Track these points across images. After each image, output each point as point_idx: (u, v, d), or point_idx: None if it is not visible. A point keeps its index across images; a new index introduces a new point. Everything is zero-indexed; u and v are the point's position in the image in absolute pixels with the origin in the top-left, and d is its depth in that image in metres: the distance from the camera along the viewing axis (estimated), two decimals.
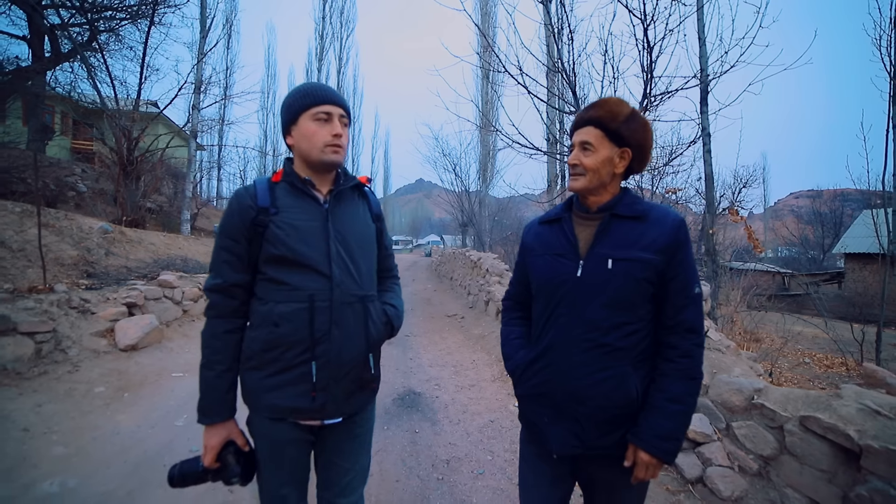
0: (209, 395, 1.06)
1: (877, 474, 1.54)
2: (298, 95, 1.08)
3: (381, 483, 2.32)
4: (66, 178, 12.15)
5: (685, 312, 0.99)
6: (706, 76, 3.89)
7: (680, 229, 0.99)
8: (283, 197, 1.07)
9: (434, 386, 3.93)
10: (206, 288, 1.08)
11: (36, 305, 3.33)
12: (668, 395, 0.97)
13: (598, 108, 1.02)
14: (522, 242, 1.19)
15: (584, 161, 1.01)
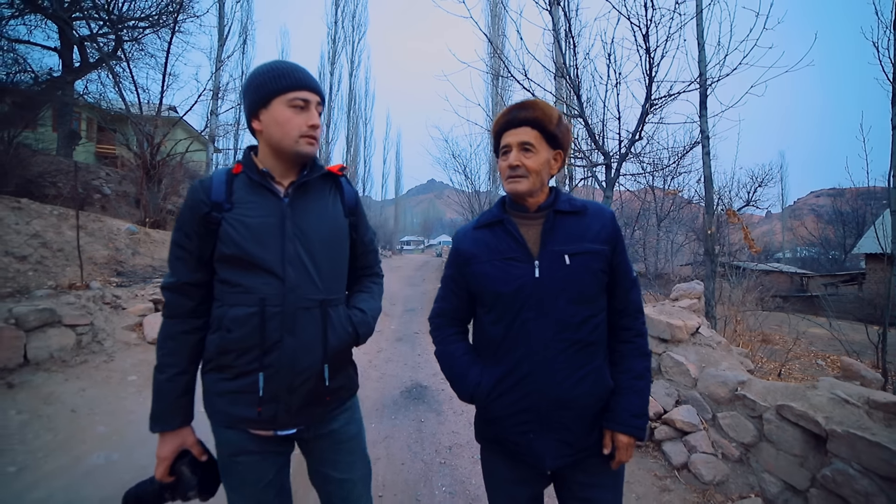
0: (160, 400, 0.97)
1: (839, 456, 1.67)
2: (272, 76, 0.97)
3: (388, 465, 2.51)
4: (93, 182, 12.73)
5: (631, 294, 1.04)
6: (705, 80, 3.98)
7: (615, 220, 1.04)
8: (239, 191, 0.98)
9: (440, 380, 4.11)
10: (161, 286, 1.02)
11: (76, 300, 3.63)
12: (634, 374, 1.00)
13: (533, 109, 0.99)
14: (457, 251, 1.10)
15: (526, 162, 0.99)
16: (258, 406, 0.95)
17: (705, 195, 3.95)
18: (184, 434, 1.00)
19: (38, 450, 2.29)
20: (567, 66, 4.95)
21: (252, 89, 0.98)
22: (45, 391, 2.81)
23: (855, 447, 1.61)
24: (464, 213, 18.65)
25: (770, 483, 1.98)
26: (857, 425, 1.67)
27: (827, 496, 1.70)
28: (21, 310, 2.99)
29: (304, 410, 0.99)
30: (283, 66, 0.99)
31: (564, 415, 0.96)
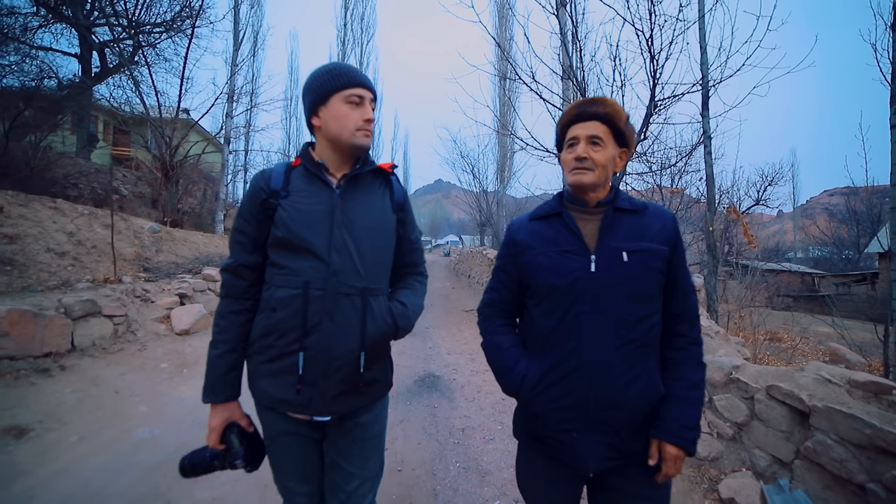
0: (211, 373, 1.04)
1: (820, 429, 1.83)
2: (330, 76, 1.04)
3: (405, 445, 2.71)
4: (111, 183, 13.19)
5: (689, 299, 1.00)
6: (707, 82, 4.13)
7: (676, 222, 1.02)
8: (296, 181, 1.05)
9: (451, 370, 4.32)
10: (220, 268, 1.09)
11: (111, 293, 3.90)
12: (688, 383, 0.95)
13: (604, 105, 0.99)
14: (513, 241, 1.09)
15: (594, 156, 0.98)
16: (298, 384, 0.98)
17: (707, 193, 4.09)
18: (231, 407, 1.05)
19: (93, 423, 2.55)
20: (573, 68, 5.11)
21: (312, 89, 1.05)
22: (92, 374, 3.07)
23: (833, 420, 1.77)
24: (471, 212, 18.85)
25: (759, 457, 2.15)
26: (837, 401, 1.83)
27: (809, 466, 1.87)
28: (68, 300, 3.26)
29: (338, 398, 1.01)
30: (339, 67, 1.06)
31: (613, 415, 0.92)
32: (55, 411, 2.57)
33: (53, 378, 2.90)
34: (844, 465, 1.69)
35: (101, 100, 12.18)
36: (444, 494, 2.17)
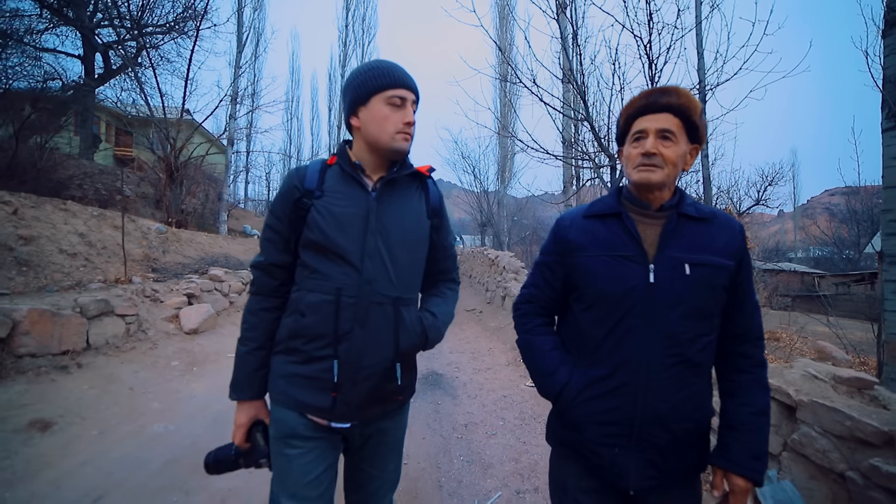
0: (240, 370, 1.03)
1: (805, 422, 1.93)
2: (373, 75, 1.00)
3: (410, 440, 2.76)
4: (114, 183, 13.33)
5: (755, 318, 0.94)
6: (704, 87, 4.22)
7: (744, 234, 0.96)
8: (331, 180, 1.02)
9: (454, 368, 4.42)
10: (251, 264, 1.07)
11: (123, 293, 4.01)
12: (755, 409, 0.90)
13: (678, 95, 0.90)
14: (562, 238, 1.00)
15: (664, 151, 0.89)
16: (333, 392, 0.96)
17: (704, 194, 4.19)
18: (257, 405, 1.05)
19: (111, 418, 2.66)
20: (573, 72, 5.20)
21: (353, 87, 1.01)
22: (107, 371, 3.18)
23: (817, 413, 1.87)
24: (472, 212, 18.96)
25: None
26: (822, 395, 1.93)
27: (795, 457, 1.97)
28: (84, 300, 3.37)
29: (363, 407, 0.99)
30: (382, 66, 1.02)
31: (659, 434, 0.88)
32: (75, 406, 2.68)
33: (71, 375, 3.01)
34: (827, 455, 1.79)
35: (105, 101, 12.32)
36: (448, 486, 2.27)
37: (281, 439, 1.00)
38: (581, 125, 6.19)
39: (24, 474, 2.06)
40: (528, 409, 3.30)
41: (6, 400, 2.54)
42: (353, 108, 1.02)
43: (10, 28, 9.30)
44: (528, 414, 3.20)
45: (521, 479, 2.34)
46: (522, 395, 3.59)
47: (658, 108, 0.91)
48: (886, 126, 3.67)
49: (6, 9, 9.59)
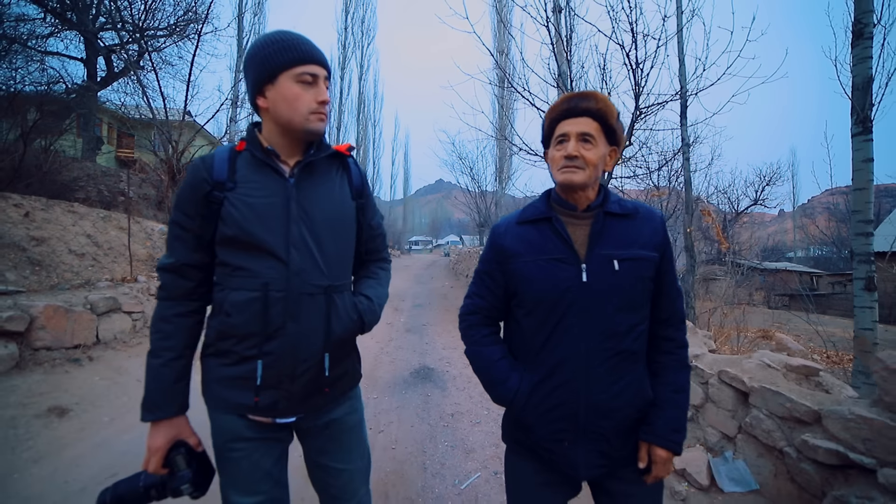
0: (155, 386, 0.91)
1: (756, 406, 2.12)
2: (278, 48, 0.91)
3: (399, 427, 3.00)
4: (116, 185, 13.56)
5: (677, 304, 0.99)
6: (685, 93, 4.40)
7: (665, 225, 1.01)
8: (243, 169, 0.94)
9: (445, 363, 4.60)
10: (158, 267, 0.96)
11: (129, 291, 4.21)
12: (675, 387, 0.96)
13: (596, 100, 0.94)
14: (498, 246, 1.03)
15: (585, 154, 0.93)
16: (255, 395, 0.92)
17: (685, 197, 4.37)
18: (179, 423, 0.94)
19: (121, 407, 2.85)
20: (563, 77, 5.39)
21: (256, 64, 0.92)
22: (116, 364, 3.39)
23: (765, 397, 2.06)
24: (470, 213, 19.15)
25: (711, 434, 2.43)
26: (770, 382, 2.12)
27: (747, 438, 2.15)
28: (93, 298, 3.57)
29: (305, 399, 0.97)
30: (288, 38, 0.92)
31: (603, 424, 0.93)
32: (88, 395, 2.87)
33: (83, 367, 3.21)
34: (771, 434, 1.98)
35: (107, 103, 12.52)
36: (432, 468, 2.45)
37: (225, 444, 0.95)
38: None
39: (47, 453, 2.26)
40: None
41: (26, 388, 2.75)
42: (258, 87, 0.93)
43: (16, 33, 9.51)
44: None
45: (499, 461, 2.53)
46: None
47: (578, 112, 0.95)
48: (855, 131, 3.87)
49: (11, 14, 9.79)
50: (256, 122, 1.01)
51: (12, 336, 2.95)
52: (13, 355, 2.91)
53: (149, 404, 0.92)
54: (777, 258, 28.95)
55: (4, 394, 2.69)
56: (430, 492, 2.19)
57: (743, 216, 19.49)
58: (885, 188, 29.71)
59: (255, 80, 0.93)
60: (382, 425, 2.97)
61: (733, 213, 17.98)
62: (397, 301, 8.76)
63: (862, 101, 3.77)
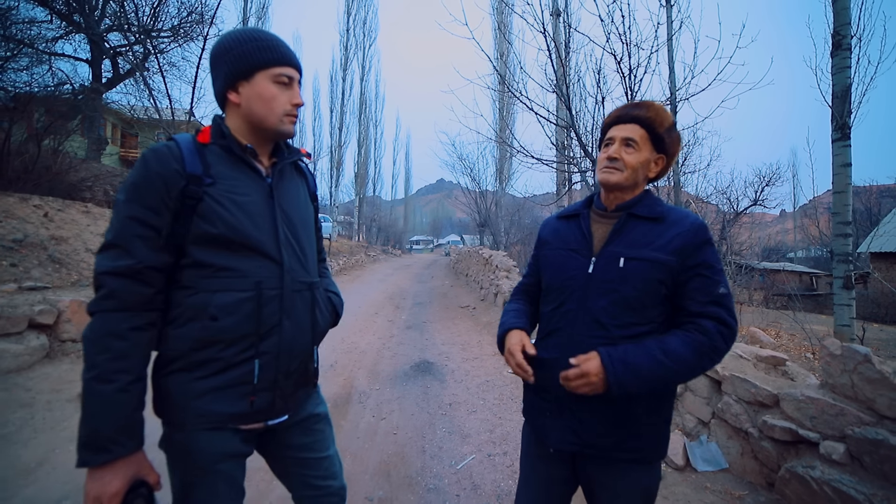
0: (109, 417, 0.76)
1: (727, 392, 2.32)
2: (258, 47, 0.90)
3: (400, 415, 3.20)
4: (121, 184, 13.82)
5: (707, 309, 0.93)
6: (675, 99, 4.59)
7: (699, 231, 0.96)
8: (217, 165, 0.89)
9: (444, 358, 4.80)
10: (107, 271, 0.80)
11: None
12: (663, 346, 0.91)
13: (647, 109, 1.01)
14: (539, 236, 1.18)
15: (625, 157, 1.00)
16: (252, 396, 0.89)
17: (675, 199, 4.56)
18: (139, 459, 0.81)
19: None
20: (559, 83, 5.59)
21: (233, 57, 0.90)
22: None
23: (734, 384, 2.26)
24: (471, 212, 19.35)
25: (689, 420, 2.64)
26: (739, 370, 2.32)
27: (719, 423, 2.36)
28: None
29: (294, 395, 0.98)
30: (267, 38, 0.92)
31: (576, 405, 0.98)
32: None
33: None
34: (738, 417, 2.18)
35: (112, 104, 12.74)
36: (430, 451, 2.66)
37: (209, 467, 0.88)
38: (568, 132, 6.57)
39: None
40: (507, 391, 3.69)
41: (57, 376, 2.97)
42: (231, 81, 0.91)
43: (25, 36, 9.72)
44: (507, 396, 3.59)
45: (494, 445, 2.73)
46: (504, 381, 3.98)
47: (627, 119, 1.02)
48: (835, 137, 4.07)
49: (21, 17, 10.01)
50: (221, 115, 0.97)
51: (43, 328, 3.17)
52: (44, 346, 3.13)
53: (101, 441, 0.75)
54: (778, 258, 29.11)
55: (39, 380, 2.91)
56: (429, 471, 2.40)
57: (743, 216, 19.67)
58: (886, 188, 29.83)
59: (228, 73, 0.91)
60: (385, 413, 3.18)
61: (732, 214, 18.18)
62: (399, 299, 8.97)
63: (841, 109, 3.97)
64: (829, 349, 1.69)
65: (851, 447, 1.62)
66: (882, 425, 1.58)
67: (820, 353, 1.83)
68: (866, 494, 1.51)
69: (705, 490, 2.10)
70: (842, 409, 1.66)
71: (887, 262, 15.71)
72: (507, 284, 7.26)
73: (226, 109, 0.96)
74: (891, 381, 1.55)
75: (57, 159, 8.98)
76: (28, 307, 3.09)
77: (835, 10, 3.78)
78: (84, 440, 0.75)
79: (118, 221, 0.82)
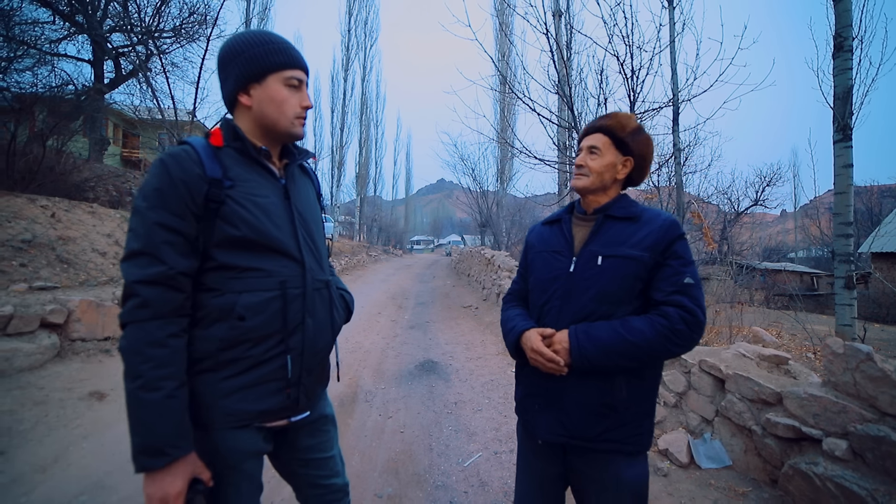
0: (162, 424, 0.79)
1: (730, 391, 2.35)
2: (270, 50, 0.91)
3: (406, 414, 3.24)
4: (124, 185, 13.86)
5: (671, 297, 0.98)
6: (677, 100, 4.63)
7: (670, 228, 1.02)
8: (233, 167, 0.90)
9: (448, 357, 4.84)
10: (139, 280, 0.80)
11: None
12: (625, 323, 0.98)
13: (609, 118, 1.10)
14: (526, 241, 1.27)
15: (589, 163, 1.09)
16: (287, 388, 0.92)
17: (677, 199, 4.60)
18: (193, 459, 0.84)
19: None
20: (561, 84, 5.62)
21: (245, 60, 0.91)
22: None
23: (738, 382, 2.29)
24: (472, 213, 19.39)
25: (692, 418, 2.67)
26: (743, 369, 2.35)
27: (723, 420, 2.39)
28: (120, 293, 3.82)
29: (314, 391, 1.01)
30: (278, 41, 0.94)
31: (563, 398, 1.04)
32: (121, 383, 3.11)
33: (114, 357, 3.45)
34: (742, 415, 2.21)
35: (114, 104, 12.78)
36: (437, 448, 2.69)
37: (237, 465, 0.91)
38: (570, 133, 6.60)
39: (93, 431, 2.53)
40: (511, 390, 3.70)
41: (68, 375, 3.01)
42: (243, 83, 0.92)
43: (30, 37, 9.76)
44: (512, 394, 3.61)
45: (500, 443, 2.77)
46: (508, 379, 4.01)
47: (593, 130, 1.13)
48: (836, 138, 4.10)
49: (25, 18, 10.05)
50: (231, 118, 0.98)
51: (54, 328, 3.22)
52: (55, 345, 3.17)
53: (158, 446, 0.78)
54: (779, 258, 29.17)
55: (51, 379, 2.95)
56: (437, 469, 2.43)
57: (744, 216, 19.69)
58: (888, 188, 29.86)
59: (240, 76, 0.92)
60: (391, 412, 3.21)
61: (733, 214, 18.21)
62: (401, 299, 9.01)
63: (842, 110, 4.00)
64: (831, 348, 1.72)
65: (854, 444, 1.65)
66: (884, 422, 1.61)
67: (822, 352, 1.86)
68: (868, 490, 1.54)
69: (709, 487, 2.14)
70: (844, 407, 1.69)
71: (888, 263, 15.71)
72: (508, 284, 7.29)
73: (235, 111, 0.96)
74: (892, 378, 1.58)
75: (60, 160, 9.02)
76: (39, 307, 3.14)
77: (836, 12, 3.81)
78: (141, 447, 0.78)
79: (144, 228, 0.81)
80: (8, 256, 3.81)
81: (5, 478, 2.08)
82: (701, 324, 0.97)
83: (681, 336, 0.95)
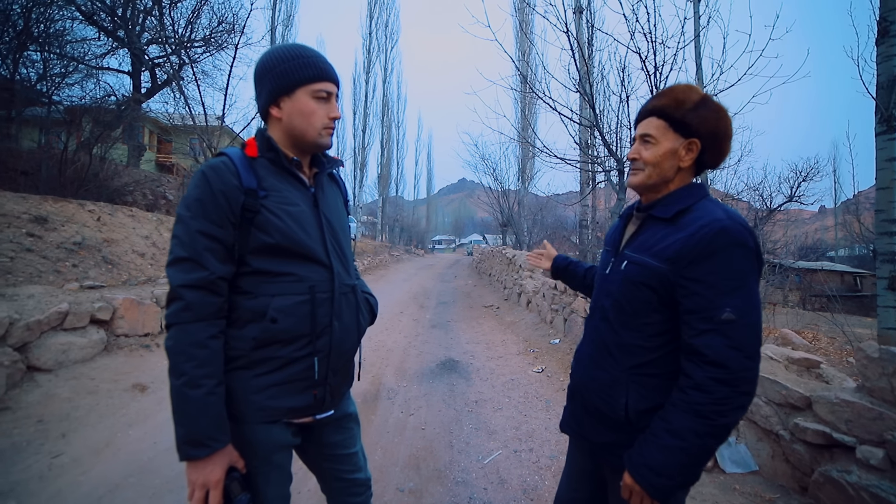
0: (205, 417, 0.85)
1: (756, 394, 2.29)
2: (299, 65, 0.95)
3: (428, 411, 3.30)
4: (158, 188, 14.61)
5: (702, 339, 0.81)
6: None
7: (705, 238, 0.82)
8: (267, 177, 0.95)
9: (469, 356, 4.88)
10: (183, 284, 0.86)
11: None
12: (668, 426, 0.83)
13: (663, 96, 0.94)
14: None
15: (643, 155, 0.94)
16: (314, 390, 0.98)
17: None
18: (230, 449, 0.91)
19: None
20: (582, 82, 5.56)
21: (276, 75, 0.95)
22: None
23: (764, 386, 2.23)
24: (493, 212, 19.31)
25: None
26: (770, 372, 2.29)
27: (748, 424, 2.33)
28: (158, 292, 4.06)
29: (339, 391, 1.06)
30: (307, 54, 0.97)
31: (581, 396, 1.04)
32: (160, 375, 3.32)
33: (153, 352, 3.70)
34: (768, 419, 2.16)
35: (150, 112, 13.50)
36: (458, 446, 2.74)
37: (267, 457, 0.97)
38: (592, 131, 6.51)
39: (137, 420, 2.73)
40: (532, 390, 3.73)
41: (114, 368, 3.25)
42: (274, 97, 0.97)
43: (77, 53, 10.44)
44: (532, 394, 3.63)
45: (519, 442, 2.79)
46: (528, 379, 4.02)
47: (645, 114, 0.96)
48: (879, 130, 3.90)
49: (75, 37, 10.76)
50: (265, 129, 1.02)
51: (101, 324, 3.48)
52: (103, 340, 3.43)
53: (200, 438, 0.85)
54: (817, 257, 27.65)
55: (100, 371, 3.20)
56: (457, 465, 2.48)
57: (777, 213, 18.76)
58: None
59: (272, 90, 0.96)
60: (412, 409, 3.28)
61: (765, 211, 17.39)
62: (423, 299, 9.11)
63: (886, 100, 3.79)
64: (865, 352, 1.66)
65: (891, 452, 1.59)
66: None
67: (856, 356, 1.79)
68: None
69: (734, 492, 2.09)
70: (880, 414, 1.63)
71: None
72: (530, 284, 7.25)
73: (268, 123, 1.01)
74: None
75: (104, 166, 9.60)
76: (89, 304, 3.38)
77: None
78: (185, 438, 0.85)
79: (187, 236, 0.88)
80: (63, 258, 4.13)
81: (67, 458, 2.30)
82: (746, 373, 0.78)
83: (728, 402, 0.78)
